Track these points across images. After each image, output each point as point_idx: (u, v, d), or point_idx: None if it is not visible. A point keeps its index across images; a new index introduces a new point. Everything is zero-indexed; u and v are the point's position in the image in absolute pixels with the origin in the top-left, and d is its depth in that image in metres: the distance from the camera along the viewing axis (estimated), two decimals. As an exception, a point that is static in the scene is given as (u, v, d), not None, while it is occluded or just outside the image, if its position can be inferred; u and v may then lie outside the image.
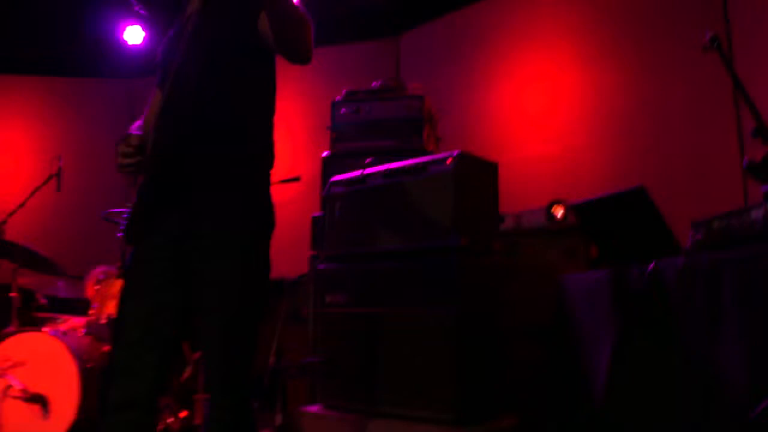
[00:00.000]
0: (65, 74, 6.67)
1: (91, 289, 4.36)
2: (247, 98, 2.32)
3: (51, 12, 5.81)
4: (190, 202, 2.21)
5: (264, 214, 2.32)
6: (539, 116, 5.09)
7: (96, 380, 3.87)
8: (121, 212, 3.91)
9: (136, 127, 2.43)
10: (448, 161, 3.07)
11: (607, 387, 2.59)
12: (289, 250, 4.37)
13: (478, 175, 3.20)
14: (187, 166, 2.23)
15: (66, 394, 3.76)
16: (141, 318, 2.17)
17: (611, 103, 4.76)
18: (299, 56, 2.23)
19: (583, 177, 4.70)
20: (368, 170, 3.39)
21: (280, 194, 5.15)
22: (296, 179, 4.54)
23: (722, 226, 2.46)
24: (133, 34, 6.12)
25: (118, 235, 2.33)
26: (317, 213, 4.02)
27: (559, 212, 3.96)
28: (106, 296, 4.17)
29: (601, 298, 2.74)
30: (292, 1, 2.13)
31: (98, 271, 4.46)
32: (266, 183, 2.36)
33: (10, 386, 3.78)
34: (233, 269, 2.19)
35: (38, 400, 3.77)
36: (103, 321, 4.11)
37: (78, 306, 4.85)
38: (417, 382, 2.95)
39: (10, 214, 4.62)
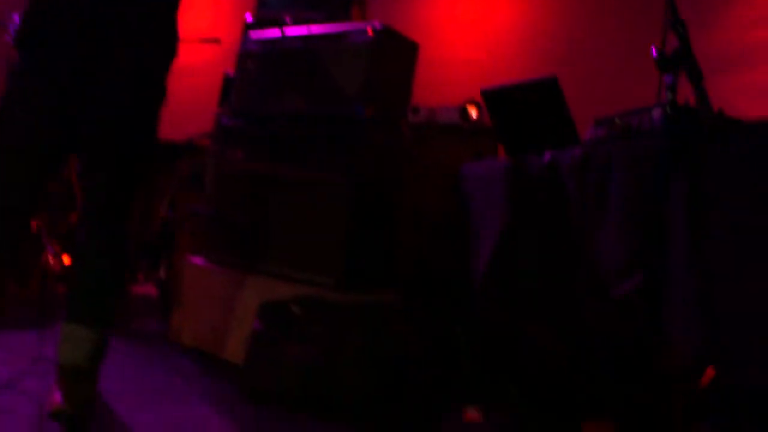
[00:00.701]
0: None
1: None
2: None
3: None
4: (93, 19, 2.09)
5: (172, 46, 2.24)
6: (472, 22, 5.05)
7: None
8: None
9: None
10: (369, 31, 3.01)
11: (491, 265, 2.63)
12: (200, 113, 4.27)
13: (398, 52, 3.16)
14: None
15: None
16: (25, 128, 2.07)
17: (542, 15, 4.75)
18: None
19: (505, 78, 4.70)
20: (288, 30, 3.29)
21: (196, 56, 5.01)
22: (215, 41, 4.41)
23: (623, 123, 2.50)
24: None
25: (7, 39, 2.21)
26: (229, 71, 3.91)
27: (473, 112, 3.97)
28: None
29: (498, 184, 2.77)
30: None
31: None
32: (174, 23, 2.27)
33: None
34: (128, 92, 2.13)
35: None
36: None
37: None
38: (305, 246, 2.95)
39: None
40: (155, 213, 3.93)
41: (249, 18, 4.06)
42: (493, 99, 2.91)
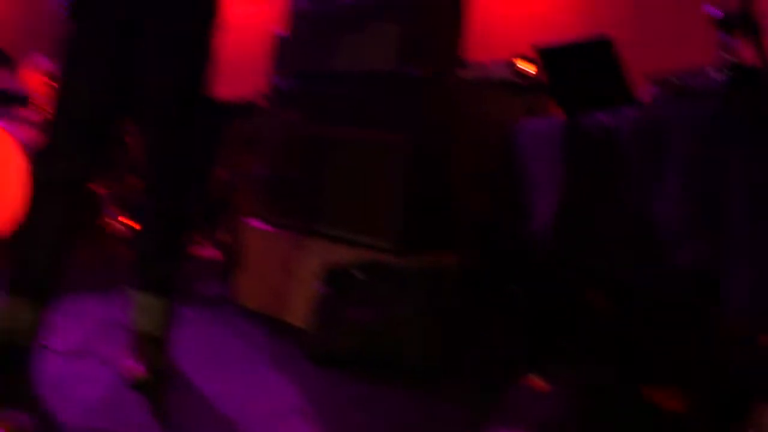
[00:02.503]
0: None
1: (34, 81, 4.24)
2: None
3: None
4: None
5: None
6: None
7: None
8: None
9: None
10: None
11: (548, 226, 2.66)
12: (251, 72, 4.30)
13: (445, 7, 3.14)
14: None
15: (12, 185, 3.74)
16: (82, 97, 2.15)
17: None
18: None
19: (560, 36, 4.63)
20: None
21: (249, 16, 5.02)
22: None
23: (680, 83, 2.47)
24: None
25: (61, 12, 2.27)
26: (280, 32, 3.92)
27: (525, 67, 3.93)
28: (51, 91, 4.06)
29: (555, 144, 2.77)
30: None
31: (38, 60, 4.32)
32: None
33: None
34: (183, 57, 2.21)
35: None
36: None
37: (22, 98, 4.71)
38: (362, 208, 3.00)
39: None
40: (213, 174, 4.01)
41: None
42: (547, 57, 2.88)
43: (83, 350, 2.50)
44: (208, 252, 4.16)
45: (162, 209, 2.28)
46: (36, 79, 4.19)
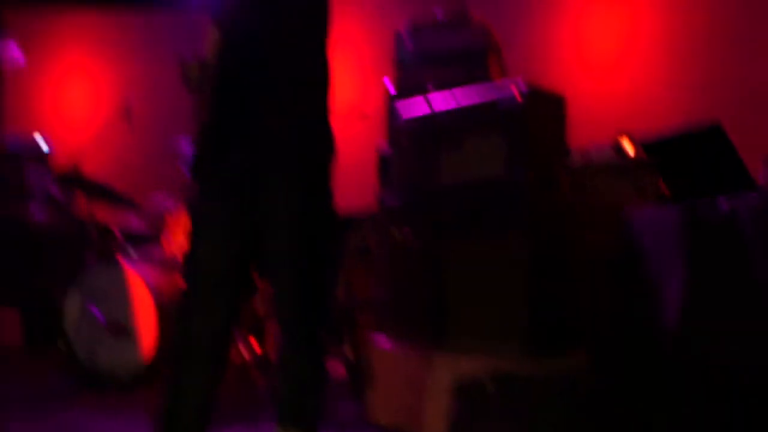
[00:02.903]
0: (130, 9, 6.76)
1: (160, 222, 4.50)
2: (306, 31, 2.35)
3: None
4: (253, 140, 2.26)
5: (327, 143, 2.36)
6: (611, 50, 4.97)
7: (171, 311, 4.02)
8: (186, 151, 4.03)
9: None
10: (516, 94, 3.05)
11: (680, 317, 2.60)
12: (356, 185, 4.42)
13: (546, 108, 3.18)
14: (251, 105, 2.27)
15: (145, 324, 3.92)
16: (213, 254, 2.26)
17: (689, 40, 4.61)
18: None
19: (652, 113, 4.60)
20: (434, 101, 3.38)
21: (346, 129, 5.19)
22: (363, 115, 4.57)
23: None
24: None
25: (185, 173, 2.40)
26: (383, 147, 4.04)
27: (628, 148, 3.90)
28: (176, 229, 4.30)
29: (672, 232, 2.73)
30: None
31: (163, 201, 4.59)
32: (327, 112, 2.38)
33: (95, 318, 3.96)
34: (301, 202, 2.27)
35: (120, 330, 3.94)
36: (175, 253, 4.24)
37: (150, 238, 5.01)
38: (486, 317, 3.00)
39: (85, 150, 4.73)
40: (335, 291, 4.09)
41: (390, 87, 4.19)
42: (656, 150, 2.88)
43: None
44: (336, 370, 4.21)
45: (299, 348, 2.34)
46: (160, 218, 4.44)
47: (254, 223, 2.27)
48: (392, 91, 4.16)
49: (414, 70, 4.22)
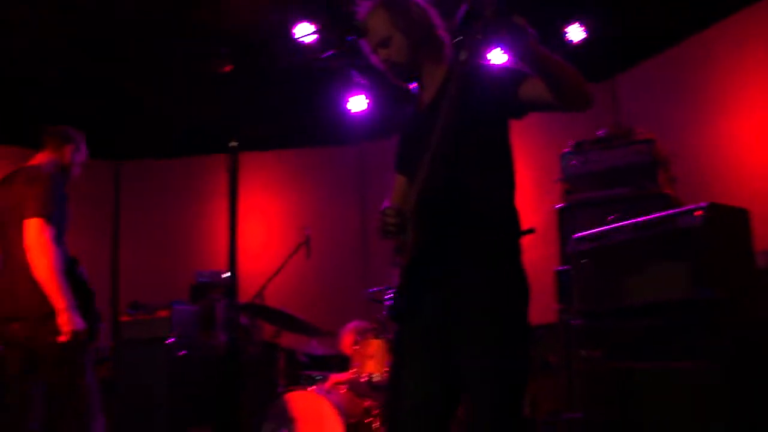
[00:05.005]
0: (302, 146, 7.30)
1: (347, 347, 4.68)
2: (500, 172, 2.39)
3: (285, 92, 6.34)
4: (452, 284, 2.30)
5: (523, 284, 2.34)
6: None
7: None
8: (382, 291, 4.21)
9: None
10: (697, 213, 3.02)
11: None
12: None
13: (730, 223, 3.14)
14: (450, 250, 2.32)
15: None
16: (416, 393, 2.31)
17: None
18: (584, 102, 2.21)
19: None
20: (607, 222, 3.42)
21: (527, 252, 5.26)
22: (531, 231, 4.63)
23: None
24: (357, 103, 6.49)
25: (383, 313, 2.48)
26: (551, 262, 4.08)
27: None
28: (364, 356, 4.42)
29: None
30: (555, 57, 2.12)
31: (351, 327, 4.80)
32: (519, 251, 2.37)
33: (287, 442, 4.13)
34: (503, 348, 2.24)
35: (310, 455, 4.09)
36: (363, 379, 4.37)
37: (332, 362, 5.21)
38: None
39: (268, 281, 5.04)
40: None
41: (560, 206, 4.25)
42: None
43: None
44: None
45: None
46: (350, 342, 4.63)
47: (455, 364, 2.28)
48: (561, 204, 4.23)
49: (581, 187, 4.28)
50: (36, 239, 3.16)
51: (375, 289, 4.37)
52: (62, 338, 3.12)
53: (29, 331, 3.19)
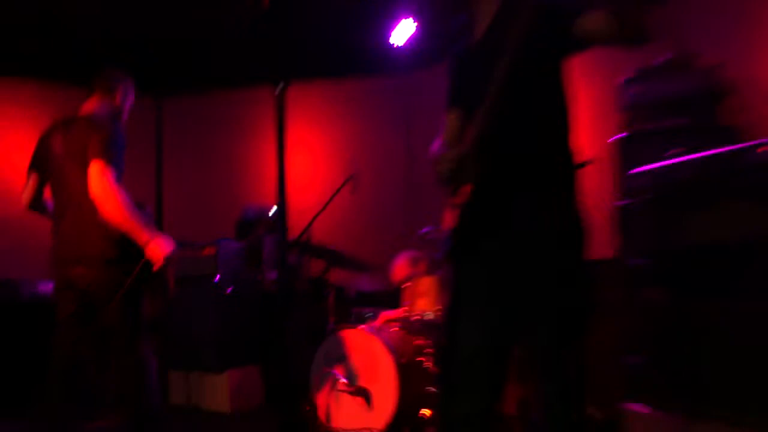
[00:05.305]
0: (347, 75, 7.11)
1: (400, 276, 4.62)
2: (560, 105, 2.34)
3: (330, 21, 6.16)
4: (514, 223, 2.25)
5: (585, 221, 2.29)
6: None
7: (411, 374, 4.08)
8: (433, 230, 4.12)
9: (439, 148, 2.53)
10: (760, 149, 2.84)
11: None
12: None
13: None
14: (513, 184, 2.27)
15: (385, 388, 3.99)
16: (475, 337, 2.26)
17: None
18: (645, 37, 2.12)
19: None
20: (671, 156, 3.24)
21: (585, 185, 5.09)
22: (590, 162, 4.46)
23: None
24: (404, 31, 6.29)
25: (439, 254, 2.41)
26: (615, 195, 3.91)
27: None
28: (415, 294, 4.36)
29: None
30: None
31: (404, 256, 4.72)
32: (580, 186, 2.32)
33: (337, 380, 4.10)
34: (562, 284, 2.21)
35: (361, 393, 4.05)
36: (415, 318, 4.31)
37: (382, 298, 5.16)
38: (750, 384, 2.78)
39: (315, 217, 4.94)
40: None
41: (621, 136, 4.06)
42: None
43: None
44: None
45: (565, 402, 2.26)
46: (404, 272, 4.57)
47: (514, 304, 2.24)
48: (621, 135, 4.05)
49: (641, 117, 4.09)
50: (102, 183, 3.16)
51: (427, 228, 4.26)
52: (156, 267, 3.22)
53: (93, 275, 3.22)
